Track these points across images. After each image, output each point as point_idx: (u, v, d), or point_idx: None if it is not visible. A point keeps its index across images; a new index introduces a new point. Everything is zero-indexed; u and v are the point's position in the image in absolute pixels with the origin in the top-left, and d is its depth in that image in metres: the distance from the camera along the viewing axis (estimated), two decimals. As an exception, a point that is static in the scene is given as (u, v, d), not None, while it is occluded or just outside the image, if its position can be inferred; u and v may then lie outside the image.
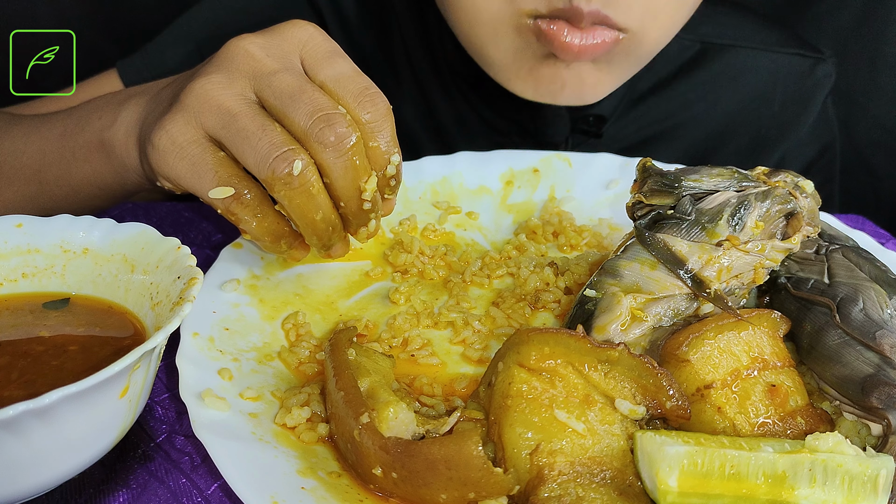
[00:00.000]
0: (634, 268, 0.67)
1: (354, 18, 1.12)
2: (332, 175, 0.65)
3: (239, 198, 0.65)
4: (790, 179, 0.71)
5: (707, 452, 0.53)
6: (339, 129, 0.64)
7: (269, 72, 0.66)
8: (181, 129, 0.65)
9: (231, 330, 0.71)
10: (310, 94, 0.64)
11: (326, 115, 0.64)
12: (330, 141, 0.64)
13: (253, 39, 0.67)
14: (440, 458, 0.53)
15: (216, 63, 0.67)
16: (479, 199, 0.95)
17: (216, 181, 0.65)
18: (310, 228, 0.68)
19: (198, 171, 0.65)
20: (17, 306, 0.64)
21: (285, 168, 0.63)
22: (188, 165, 0.65)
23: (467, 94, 1.12)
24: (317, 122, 0.63)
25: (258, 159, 0.63)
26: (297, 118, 0.64)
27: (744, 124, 1.20)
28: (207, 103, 0.64)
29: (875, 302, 0.66)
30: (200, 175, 0.65)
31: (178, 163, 0.65)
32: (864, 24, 1.35)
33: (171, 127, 0.65)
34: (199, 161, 0.65)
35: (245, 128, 0.64)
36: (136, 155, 0.73)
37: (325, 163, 0.65)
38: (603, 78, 0.94)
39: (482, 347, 0.73)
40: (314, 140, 0.64)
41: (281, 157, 0.63)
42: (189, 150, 0.65)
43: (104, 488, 0.59)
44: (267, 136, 0.63)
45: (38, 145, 0.82)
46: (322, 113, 0.64)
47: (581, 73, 0.92)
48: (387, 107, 0.67)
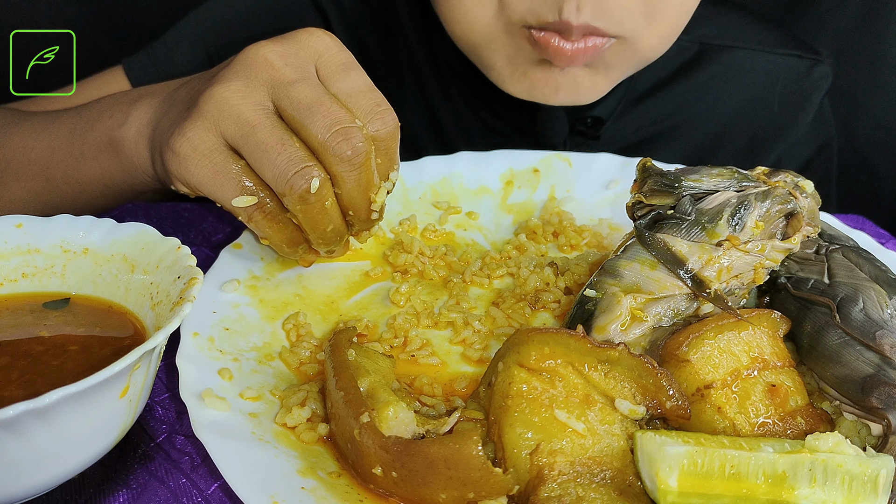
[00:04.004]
0: (634, 268, 0.67)
1: (359, 20, 1.12)
2: (345, 187, 0.67)
3: (261, 207, 0.67)
4: (790, 179, 0.71)
5: (707, 452, 0.53)
6: (355, 143, 0.65)
7: (287, 81, 0.66)
8: (202, 136, 0.65)
9: (231, 330, 0.71)
10: (328, 107, 0.66)
11: (344, 129, 0.65)
12: (347, 155, 0.65)
13: (271, 47, 0.68)
14: (440, 458, 0.53)
15: (235, 70, 0.67)
16: (480, 200, 0.95)
17: (239, 190, 0.66)
18: (320, 238, 0.70)
19: (220, 179, 0.66)
20: (17, 306, 0.64)
21: (303, 185, 0.65)
22: (211, 174, 0.66)
23: (467, 95, 1.13)
24: (334, 136, 0.65)
25: (276, 174, 0.65)
26: (315, 130, 0.65)
27: (742, 125, 1.20)
28: (227, 111, 0.65)
29: (875, 302, 0.66)
30: (223, 184, 0.66)
31: (200, 170, 0.66)
32: (864, 24, 1.35)
33: (192, 134, 0.65)
34: (221, 170, 0.66)
35: (264, 141, 0.65)
36: (146, 155, 0.73)
37: (339, 175, 0.67)
38: (599, 80, 0.95)
39: (482, 347, 0.73)
40: (331, 153, 0.65)
41: (299, 174, 0.64)
42: (211, 158, 0.65)
43: (104, 488, 0.59)
44: (286, 152, 0.65)
45: (48, 142, 0.82)
46: (340, 126, 0.65)
47: (576, 76, 0.93)
48: (396, 124, 0.69)
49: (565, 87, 0.93)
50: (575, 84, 0.93)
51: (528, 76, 0.93)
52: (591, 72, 0.93)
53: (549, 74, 0.92)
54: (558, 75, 0.92)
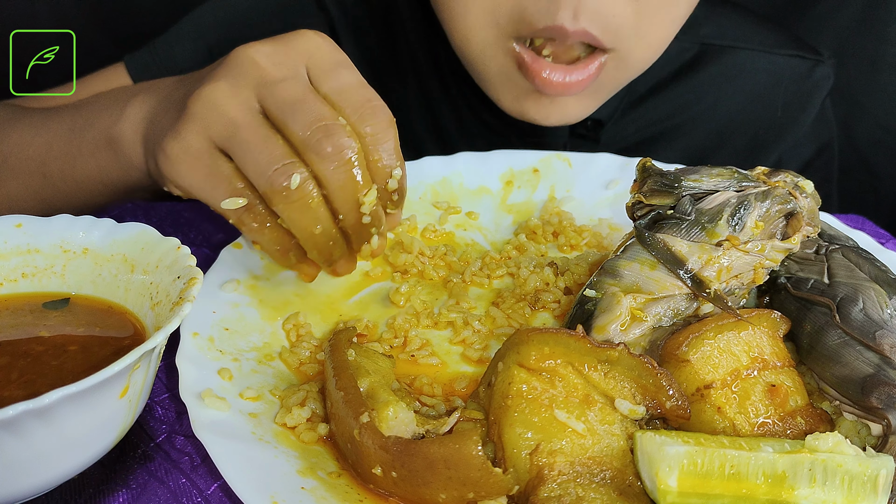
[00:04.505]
0: (634, 268, 0.67)
1: (361, 19, 1.13)
2: (330, 187, 0.65)
3: (251, 209, 0.66)
4: (790, 179, 0.71)
5: (707, 452, 0.53)
6: (337, 140, 0.63)
7: (273, 80, 0.65)
8: (192, 138, 0.65)
9: (231, 330, 0.71)
10: (311, 104, 0.64)
11: (325, 125, 0.63)
12: (327, 152, 0.63)
13: (259, 48, 0.67)
14: (439, 458, 0.53)
15: (223, 70, 0.67)
16: (479, 200, 0.95)
17: (228, 192, 0.65)
18: (310, 242, 0.67)
19: (210, 182, 0.65)
20: (16, 306, 0.64)
21: (283, 181, 0.63)
22: (201, 176, 0.65)
23: (468, 96, 1.13)
24: (315, 133, 0.63)
25: (258, 172, 0.63)
26: (296, 128, 0.64)
27: (742, 125, 1.20)
28: (214, 112, 0.65)
29: (875, 302, 0.66)
30: (213, 186, 0.65)
31: (191, 172, 0.65)
32: (864, 25, 1.35)
33: (183, 136, 0.65)
34: (211, 172, 0.65)
35: (247, 140, 0.64)
36: (141, 152, 0.73)
37: (322, 174, 0.64)
38: (589, 103, 0.97)
39: (482, 347, 0.73)
40: (312, 151, 0.63)
41: (280, 170, 0.63)
42: (201, 160, 0.65)
43: (104, 488, 0.59)
44: (267, 149, 0.63)
45: (46, 138, 0.82)
46: (321, 123, 0.63)
47: (566, 106, 0.94)
48: (389, 119, 0.67)
49: (556, 113, 0.94)
50: (564, 110, 0.95)
51: (520, 102, 0.94)
52: (581, 96, 0.94)
53: (539, 104, 0.93)
54: (548, 105, 0.93)
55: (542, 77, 0.87)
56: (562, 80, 0.88)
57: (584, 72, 0.89)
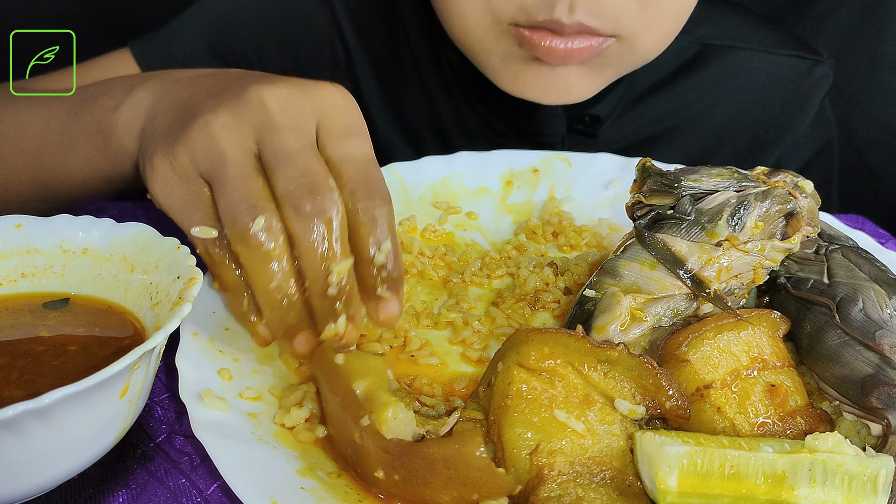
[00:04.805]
0: (634, 268, 0.67)
1: (366, 19, 1.13)
2: (300, 247, 0.60)
3: (218, 242, 0.62)
4: (790, 179, 0.71)
5: (707, 452, 0.53)
6: (318, 199, 0.60)
7: (275, 127, 0.63)
8: (181, 160, 0.63)
9: (231, 330, 0.71)
10: (305, 159, 0.61)
11: (311, 182, 0.60)
12: (305, 210, 0.59)
13: (274, 90, 0.64)
14: (441, 458, 0.53)
15: (230, 102, 0.64)
16: (479, 200, 0.95)
17: (200, 220, 0.62)
18: (264, 298, 0.62)
19: (186, 206, 0.63)
20: (16, 306, 0.64)
21: (246, 221, 0.59)
22: (179, 198, 0.63)
23: (468, 94, 1.13)
24: (299, 188, 0.60)
25: (227, 207, 0.60)
26: (282, 178, 0.60)
27: (742, 125, 1.20)
28: (208, 142, 0.62)
29: (875, 302, 0.66)
30: (189, 212, 0.62)
31: (172, 193, 0.63)
32: (863, 24, 1.35)
33: (173, 155, 0.63)
34: (189, 197, 0.63)
35: (227, 174, 0.61)
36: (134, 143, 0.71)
37: (294, 231, 0.60)
38: (592, 79, 0.95)
39: (482, 347, 0.73)
40: (290, 204, 0.60)
41: (245, 210, 0.59)
42: (182, 184, 0.63)
43: (104, 488, 0.59)
44: (243, 187, 0.60)
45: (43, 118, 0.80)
46: (307, 179, 0.60)
47: (567, 76, 0.93)
48: (384, 199, 0.63)
49: (556, 87, 0.93)
50: (566, 84, 0.93)
51: (520, 78, 0.93)
52: (585, 70, 0.93)
53: (539, 74, 0.92)
54: (549, 74, 0.92)
55: (544, 45, 0.87)
56: (565, 46, 0.87)
57: (587, 41, 0.88)
